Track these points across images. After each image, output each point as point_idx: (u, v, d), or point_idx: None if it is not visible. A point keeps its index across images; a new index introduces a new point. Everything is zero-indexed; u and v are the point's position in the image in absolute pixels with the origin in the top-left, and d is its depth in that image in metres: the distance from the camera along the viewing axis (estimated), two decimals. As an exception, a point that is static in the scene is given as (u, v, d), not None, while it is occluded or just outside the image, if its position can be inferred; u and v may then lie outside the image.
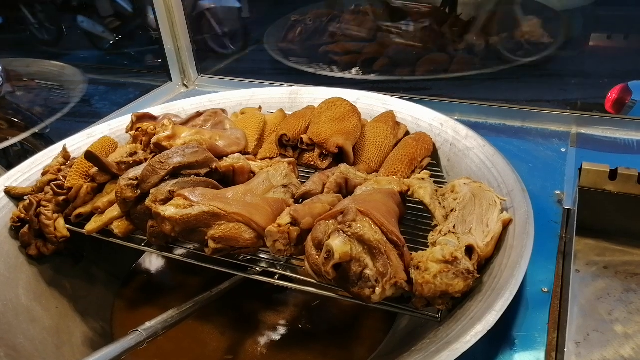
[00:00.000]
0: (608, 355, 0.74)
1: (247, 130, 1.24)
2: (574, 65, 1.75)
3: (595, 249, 0.94)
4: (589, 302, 0.83)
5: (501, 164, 1.00)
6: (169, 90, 1.86)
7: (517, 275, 0.72)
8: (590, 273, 0.90)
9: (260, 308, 1.16)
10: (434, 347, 0.65)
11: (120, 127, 1.31)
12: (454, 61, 1.84)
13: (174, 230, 0.86)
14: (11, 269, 1.00)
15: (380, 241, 0.75)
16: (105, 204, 1.01)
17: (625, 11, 1.62)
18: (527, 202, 0.86)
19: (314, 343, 1.06)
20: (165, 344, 1.07)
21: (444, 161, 1.16)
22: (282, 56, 2.14)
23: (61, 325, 1.01)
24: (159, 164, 0.94)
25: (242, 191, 0.93)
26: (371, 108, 1.32)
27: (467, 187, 0.92)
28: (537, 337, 0.74)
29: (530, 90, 1.69)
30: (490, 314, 0.66)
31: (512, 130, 1.37)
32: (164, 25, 1.78)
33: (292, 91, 1.45)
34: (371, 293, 0.74)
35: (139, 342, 0.76)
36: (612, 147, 1.22)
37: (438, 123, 1.21)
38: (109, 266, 1.24)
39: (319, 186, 0.99)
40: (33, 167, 1.16)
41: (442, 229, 0.84)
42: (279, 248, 0.83)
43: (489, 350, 0.73)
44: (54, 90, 2.15)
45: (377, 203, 0.86)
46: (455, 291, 0.73)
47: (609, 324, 0.79)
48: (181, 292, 1.25)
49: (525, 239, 0.78)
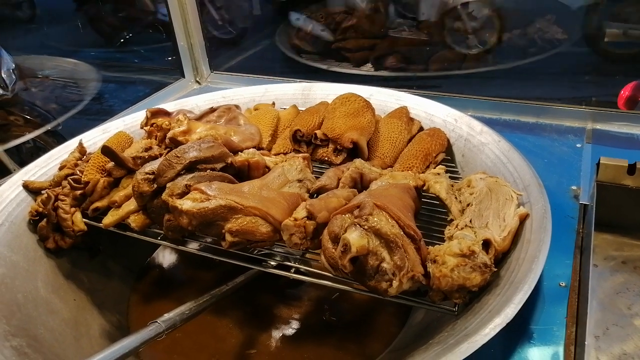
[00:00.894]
0: (628, 349, 0.73)
1: (260, 126, 1.24)
2: (588, 62, 1.74)
3: (613, 243, 0.94)
4: (608, 296, 0.83)
5: (517, 159, 1.00)
6: (182, 86, 1.88)
7: (535, 269, 0.71)
8: (608, 268, 0.89)
9: (274, 303, 1.16)
10: (453, 340, 0.65)
11: (135, 123, 1.32)
12: (467, 58, 1.83)
13: (191, 223, 0.86)
14: (30, 262, 1.01)
15: (397, 235, 0.75)
16: (121, 198, 1.02)
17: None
18: (544, 197, 0.86)
19: (329, 337, 1.06)
20: (184, 340, 1.08)
21: (458, 157, 1.16)
22: (294, 53, 2.14)
23: (79, 317, 1.02)
24: (175, 159, 0.94)
25: (257, 185, 0.93)
26: (385, 104, 1.32)
27: (484, 182, 0.91)
28: (556, 330, 0.73)
29: (543, 87, 1.68)
30: (509, 306, 0.66)
31: (527, 126, 1.36)
32: (177, 22, 1.80)
33: (305, 87, 1.46)
34: (388, 286, 0.74)
35: (158, 333, 0.77)
36: (629, 142, 1.21)
37: (452, 119, 1.21)
38: (124, 260, 1.26)
39: (334, 181, 0.99)
40: (50, 162, 1.17)
41: (459, 223, 0.84)
42: (295, 242, 0.83)
43: (507, 344, 0.73)
44: (67, 88, 2.17)
45: (393, 197, 0.86)
46: (473, 285, 0.73)
47: (628, 318, 0.78)
48: (195, 286, 1.26)
49: (542, 234, 0.78)
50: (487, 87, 1.77)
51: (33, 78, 2.22)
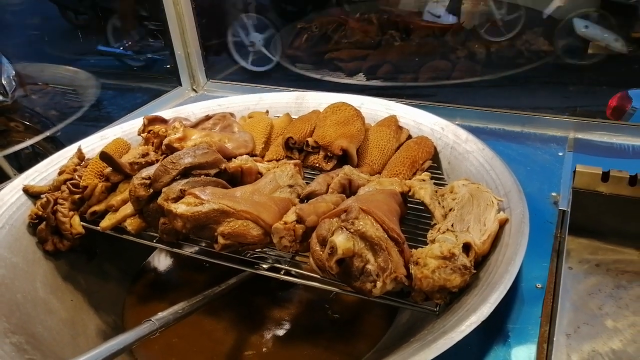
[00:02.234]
0: (597, 347, 0.77)
1: (254, 133, 1.28)
2: (575, 73, 1.79)
3: (588, 247, 0.98)
4: (581, 297, 0.87)
5: (499, 166, 1.04)
6: (179, 94, 1.92)
7: (511, 271, 0.75)
8: (582, 270, 0.93)
9: (267, 305, 1.20)
10: (431, 337, 0.69)
11: (132, 130, 1.36)
12: (456, 68, 1.88)
13: (185, 226, 0.90)
14: (29, 263, 1.05)
15: (382, 238, 0.79)
16: (119, 202, 1.06)
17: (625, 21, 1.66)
18: (523, 203, 0.90)
19: (319, 338, 1.09)
20: (180, 343, 1.12)
21: (444, 164, 1.20)
22: (288, 62, 2.19)
23: (76, 317, 1.05)
24: (171, 164, 0.98)
25: (250, 190, 0.97)
26: (375, 113, 1.36)
27: (466, 188, 0.95)
28: (530, 329, 0.77)
29: (531, 97, 1.73)
30: (485, 305, 0.70)
31: (512, 135, 1.40)
32: (174, 32, 1.84)
33: (299, 96, 1.50)
34: (372, 287, 0.77)
35: (152, 330, 0.80)
36: (608, 151, 1.25)
37: (439, 127, 1.25)
38: (121, 263, 1.29)
39: (324, 186, 1.03)
40: (49, 167, 1.21)
41: (441, 227, 0.87)
42: (285, 244, 0.87)
43: (485, 342, 0.77)
44: (67, 95, 2.21)
45: (379, 202, 0.89)
46: (453, 286, 0.77)
47: (599, 318, 0.82)
48: (189, 289, 1.29)
49: (520, 237, 0.82)
50: (476, 97, 1.82)
51: (33, 85, 2.25)
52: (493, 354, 0.75)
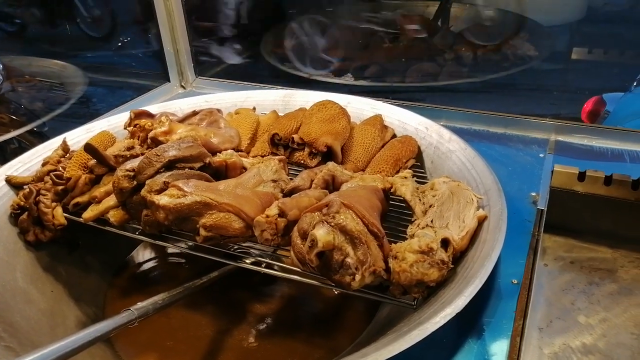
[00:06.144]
0: (569, 341, 0.79)
1: (240, 129, 1.29)
2: (556, 78, 1.82)
3: (564, 245, 1.00)
4: (555, 293, 0.89)
5: (480, 165, 1.06)
6: (167, 90, 1.92)
7: (487, 266, 0.77)
8: (557, 267, 0.95)
9: (248, 300, 1.20)
10: (406, 328, 0.70)
11: (119, 124, 1.36)
12: (443, 71, 1.91)
13: (167, 218, 0.90)
14: (10, 254, 1.04)
15: (361, 232, 0.80)
16: (102, 194, 1.06)
17: (606, 28, 1.70)
18: (502, 201, 0.92)
19: (299, 332, 1.10)
20: (160, 339, 1.12)
21: (427, 163, 1.22)
22: (277, 61, 2.20)
23: (55, 308, 1.05)
24: (155, 157, 0.99)
25: (233, 184, 0.98)
26: (361, 112, 1.37)
27: (446, 185, 0.97)
28: (505, 323, 0.79)
29: (514, 100, 1.76)
30: (460, 298, 0.71)
31: (495, 136, 1.43)
32: (164, 28, 1.84)
33: (286, 94, 1.51)
34: (351, 280, 0.78)
35: (131, 320, 0.80)
36: (587, 154, 1.28)
37: (423, 127, 1.27)
38: (103, 256, 1.29)
39: (307, 182, 1.04)
40: (33, 158, 1.20)
41: (421, 222, 0.89)
42: (266, 237, 0.88)
43: (460, 335, 0.78)
44: (54, 89, 2.19)
45: (360, 198, 0.91)
46: (430, 280, 0.78)
47: (571, 313, 0.84)
48: (171, 283, 1.27)
49: (497, 234, 0.83)
50: (461, 99, 1.84)
51: (20, 78, 2.24)
52: (467, 347, 0.76)
